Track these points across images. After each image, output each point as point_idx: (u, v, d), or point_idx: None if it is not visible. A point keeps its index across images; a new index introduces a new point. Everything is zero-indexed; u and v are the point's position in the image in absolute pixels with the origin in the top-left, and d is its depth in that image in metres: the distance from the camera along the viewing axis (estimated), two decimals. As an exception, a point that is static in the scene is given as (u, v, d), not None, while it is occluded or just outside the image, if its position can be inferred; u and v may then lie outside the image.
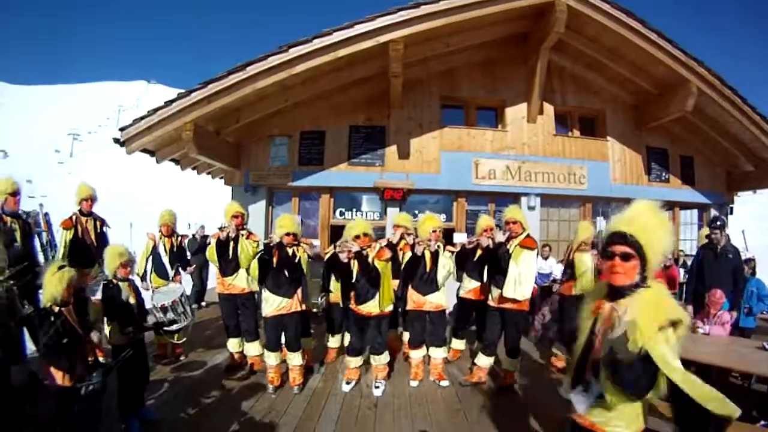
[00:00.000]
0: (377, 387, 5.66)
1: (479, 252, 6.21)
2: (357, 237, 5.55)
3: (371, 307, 5.62)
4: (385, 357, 5.79)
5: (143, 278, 7.02)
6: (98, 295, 4.58)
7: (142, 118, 8.46)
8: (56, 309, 3.60)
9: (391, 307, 5.82)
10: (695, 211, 13.01)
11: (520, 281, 5.46)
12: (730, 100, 10.20)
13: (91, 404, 3.54)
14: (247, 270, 6.05)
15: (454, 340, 6.87)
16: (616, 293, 2.18)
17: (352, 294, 5.71)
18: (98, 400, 3.60)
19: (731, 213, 12.96)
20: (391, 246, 6.01)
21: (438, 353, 6.01)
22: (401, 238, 6.14)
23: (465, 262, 6.39)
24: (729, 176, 12.86)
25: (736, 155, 12.07)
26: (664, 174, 12.00)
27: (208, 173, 12.89)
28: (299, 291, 5.67)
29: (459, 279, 6.62)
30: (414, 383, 5.87)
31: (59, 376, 3.49)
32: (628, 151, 11.67)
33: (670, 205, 12.21)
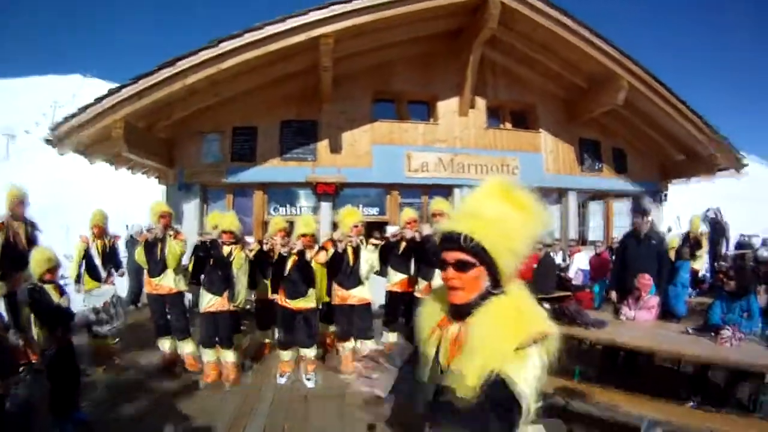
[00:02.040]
0: (308, 380, 5.72)
1: (403, 245, 6.30)
2: (304, 235, 5.63)
3: (300, 303, 5.66)
4: (314, 350, 5.85)
5: (77, 281, 6.88)
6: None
7: (73, 116, 8.24)
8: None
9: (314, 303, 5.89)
10: (629, 200, 13.41)
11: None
12: (662, 95, 10.69)
13: (18, 406, 3.48)
14: (175, 270, 6.03)
15: (387, 333, 6.91)
16: (459, 311, 1.67)
17: (282, 289, 5.73)
18: (26, 401, 3.54)
19: (665, 200, 13.49)
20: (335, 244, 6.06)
21: (366, 345, 6.08)
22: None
23: (390, 256, 6.45)
24: (662, 166, 13.48)
25: (668, 147, 12.68)
26: (596, 164, 12.48)
27: (143, 173, 12.60)
28: (227, 291, 5.70)
29: (384, 274, 6.68)
30: (344, 375, 5.92)
31: None
32: (560, 143, 12.06)
33: (603, 195, 12.66)
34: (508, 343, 1.47)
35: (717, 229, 12.81)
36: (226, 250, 5.67)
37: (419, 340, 1.87)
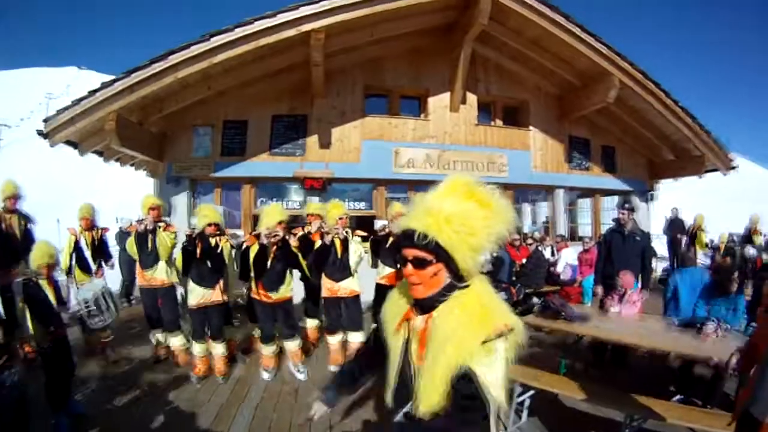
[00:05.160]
0: (300, 372, 5.79)
1: (391, 239, 6.32)
2: (280, 223, 5.62)
3: (279, 294, 5.68)
4: (297, 341, 5.88)
5: (68, 274, 6.95)
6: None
7: (65, 109, 8.23)
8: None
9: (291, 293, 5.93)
10: (617, 198, 13.26)
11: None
12: (653, 93, 10.75)
13: (12, 398, 3.52)
14: (167, 262, 6.09)
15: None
16: (422, 304, 1.71)
17: (260, 282, 5.69)
18: (19, 392, 3.57)
19: (653, 199, 13.60)
20: (305, 237, 6.14)
21: (355, 337, 6.13)
22: (319, 228, 6.29)
23: (379, 249, 6.48)
24: (651, 164, 13.56)
25: (658, 145, 12.79)
26: (584, 162, 12.57)
27: (132, 165, 12.59)
28: (221, 281, 5.76)
29: (375, 265, 6.72)
30: (333, 368, 6.03)
31: None
32: (550, 141, 12.13)
33: (591, 192, 12.77)
34: (474, 337, 1.49)
35: (676, 227, 13.40)
36: (212, 241, 5.71)
37: (385, 332, 1.89)
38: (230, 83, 9.55)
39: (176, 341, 6.23)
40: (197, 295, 5.66)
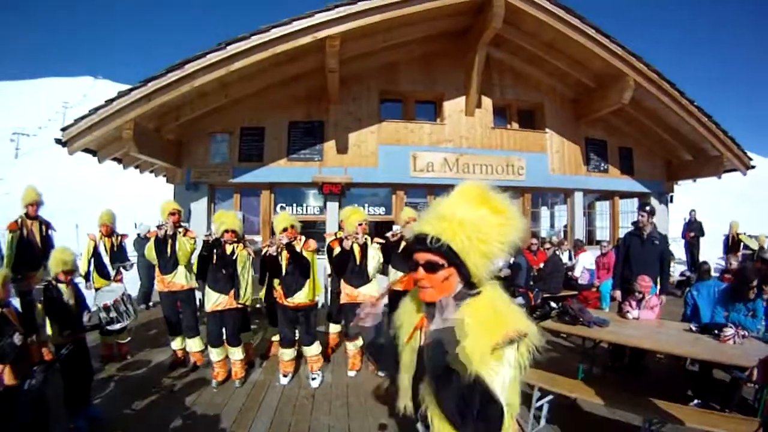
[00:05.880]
0: (314, 379, 5.79)
1: (404, 244, 6.25)
2: (285, 230, 5.65)
3: (299, 299, 5.68)
4: (316, 348, 5.88)
5: (86, 278, 7.00)
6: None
7: (83, 117, 8.29)
8: (-3, 310, 3.67)
9: (319, 298, 5.91)
10: (635, 200, 13.34)
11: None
12: (669, 94, 10.58)
13: (29, 401, 3.56)
14: (186, 267, 6.13)
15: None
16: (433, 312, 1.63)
17: (280, 288, 5.75)
18: (38, 394, 3.62)
19: (671, 201, 13.45)
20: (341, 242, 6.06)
21: None
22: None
23: (390, 255, 6.37)
24: (668, 165, 13.39)
25: (676, 146, 12.59)
26: (602, 164, 12.44)
27: (151, 171, 12.72)
28: (236, 288, 5.78)
29: (385, 272, 6.64)
30: (351, 373, 6.05)
31: (3, 375, 3.49)
32: (566, 143, 12.03)
33: (609, 195, 12.67)
34: (484, 344, 1.47)
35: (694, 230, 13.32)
36: (228, 248, 5.74)
37: (399, 342, 1.91)
38: (247, 90, 9.59)
39: (195, 345, 6.30)
40: (213, 299, 5.69)
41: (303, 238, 5.90)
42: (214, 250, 5.67)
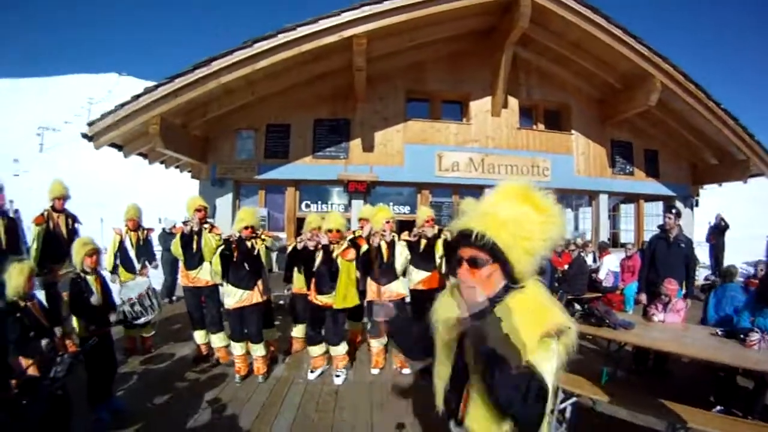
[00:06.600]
0: (338, 376, 5.78)
1: (424, 242, 6.26)
2: (329, 231, 5.70)
3: (328, 299, 5.72)
4: (342, 347, 5.88)
5: (113, 272, 7.06)
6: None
7: (109, 113, 8.39)
8: (21, 304, 3.71)
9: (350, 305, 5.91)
10: (660, 203, 13.22)
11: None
12: (695, 96, 10.42)
13: (47, 393, 3.60)
14: (211, 263, 6.14)
15: None
16: (476, 315, 1.64)
17: (312, 283, 5.80)
18: (56, 386, 3.65)
19: (697, 205, 13.26)
20: (354, 242, 6.06)
21: None
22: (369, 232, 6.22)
23: (411, 255, 6.24)
24: (694, 169, 13.18)
25: (701, 149, 12.40)
26: (628, 167, 12.28)
27: (176, 167, 12.88)
28: (260, 282, 5.80)
29: (403, 273, 6.46)
30: (375, 371, 6.02)
31: (28, 367, 3.55)
32: (592, 145, 11.91)
33: (634, 198, 12.52)
34: (533, 334, 1.50)
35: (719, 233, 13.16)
36: (248, 244, 5.76)
37: (436, 340, 1.89)
38: (273, 88, 9.64)
39: (218, 340, 6.33)
40: (234, 297, 5.70)
41: (346, 244, 5.89)
42: (235, 247, 5.68)
